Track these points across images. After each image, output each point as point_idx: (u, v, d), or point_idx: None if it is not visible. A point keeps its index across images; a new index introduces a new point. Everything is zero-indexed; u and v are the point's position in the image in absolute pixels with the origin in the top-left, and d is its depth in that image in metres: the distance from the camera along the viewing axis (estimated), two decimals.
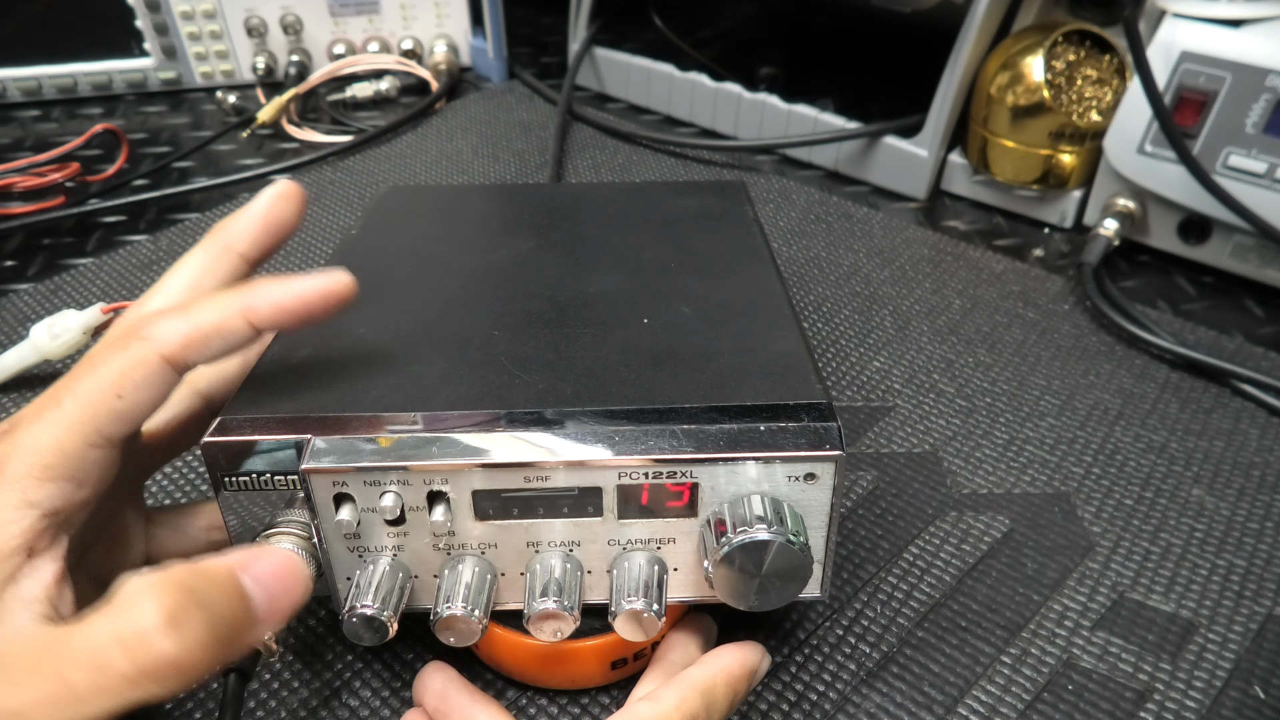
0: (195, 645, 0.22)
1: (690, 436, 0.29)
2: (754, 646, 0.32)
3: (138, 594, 0.22)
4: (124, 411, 0.27)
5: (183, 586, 0.22)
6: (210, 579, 0.23)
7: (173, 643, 0.21)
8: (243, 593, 0.24)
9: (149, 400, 0.27)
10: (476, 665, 0.35)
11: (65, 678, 0.21)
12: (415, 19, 0.81)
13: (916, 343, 0.52)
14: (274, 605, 0.24)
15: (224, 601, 0.23)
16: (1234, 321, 0.54)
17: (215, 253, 0.32)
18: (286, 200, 0.32)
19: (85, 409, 0.26)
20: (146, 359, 0.27)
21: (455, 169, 0.70)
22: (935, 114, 0.63)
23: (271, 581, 0.24)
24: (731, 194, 0.47)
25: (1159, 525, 0.41)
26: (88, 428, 0.26)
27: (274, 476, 0.29)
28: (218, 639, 0.22)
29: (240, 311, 0.28)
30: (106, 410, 0.26)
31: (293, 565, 0.25)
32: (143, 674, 0.21)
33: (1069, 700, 0.34)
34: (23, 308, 0.55)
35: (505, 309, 0.36)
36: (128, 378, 0.27)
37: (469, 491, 0.29)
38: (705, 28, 0.89)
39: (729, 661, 0.31)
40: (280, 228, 0.32)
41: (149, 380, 0.27)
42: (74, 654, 0.21)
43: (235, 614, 0.23)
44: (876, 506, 0.42)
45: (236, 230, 0.32)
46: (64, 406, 0.26)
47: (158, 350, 0.27)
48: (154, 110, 0.78)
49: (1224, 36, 0.52)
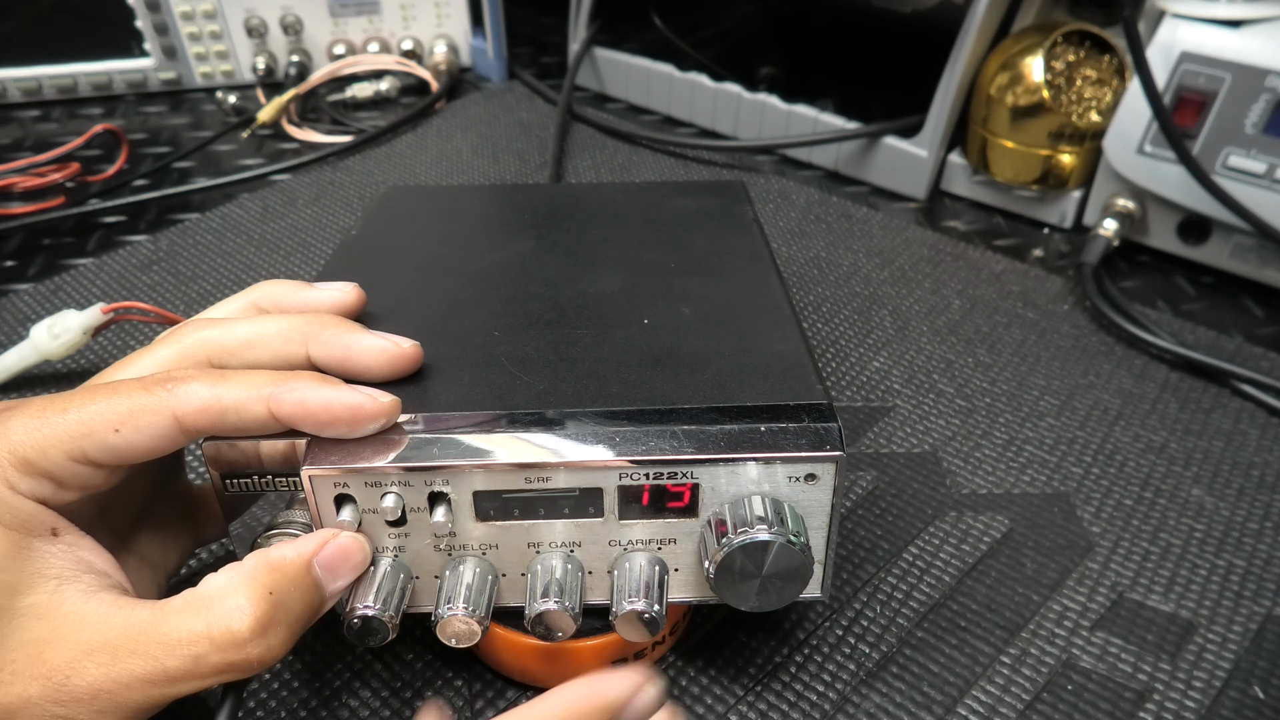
0: (278, 645, 0.26)
1: (691, 437, 0.29)
2: (623, 677, 0.27)
3: (227, 596, 0.26)
4: (115, 447, 0.27)
5: (270, 594, 0.26)
6: (290, 577, 0.27)
7: (260, 647, 0.25)
8: (317, 583, 0.27)
9: (144, 447, 0.27)
10: (477, 665, 0.35)
11: (161, 662, 0.25)
12: (415, 19, 0.81)
13: (916, 343, 0.52)
14: (338, 587, 0.28)
15: (302, 599, 0.27)
16: (1233, 322, 0.54)
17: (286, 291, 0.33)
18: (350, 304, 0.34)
19: (81, 427, 0.26)
20: (160, 411, 0.27)
21: (455, 169, 0.70)
22: (935, 114, 0.63)
23: (339, 567, 0.28)
24: (731, 194, 0.47)
25: (1158, 525, 0.41)
26: (74, 444, 0.26)
27: (275, 477, 0.29)
28: (295, 634, 0.27)
29: (265, 398, 0.27)
30: (99, 439, 0.26)
31: (357, 548, 0.28)
32: (230, 668, 0.25)
33: (1068, 700, 0.34)
34: (23, 308, 0.55)
35: (505, 309, 0.36)
36: (133, 419, 0.27)
37: (470, 492, 0.29)
38: (705, 28, 0.89)
39: (571, 694, 0.27)
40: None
41: (151, 430, 0.27)
42: (169, 642, 0.25)
43: (311, 604, 0.27)
44: (876, 507, 0.42)
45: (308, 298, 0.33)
46: (66, 414, 0.27)
47: (174, 409, 0.27)
48: (154, 110, 0.78)
49: (1224, 37, 0.52)
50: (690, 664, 0.35)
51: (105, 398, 0.27)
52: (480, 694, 0.34)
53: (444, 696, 0.34)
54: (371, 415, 0.28)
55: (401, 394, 0.30)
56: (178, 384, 0.27)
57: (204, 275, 0.58)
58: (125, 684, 0.25)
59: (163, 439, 0.27)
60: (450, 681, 0.35)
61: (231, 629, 0.25)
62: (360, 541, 0.29)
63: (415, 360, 0.31)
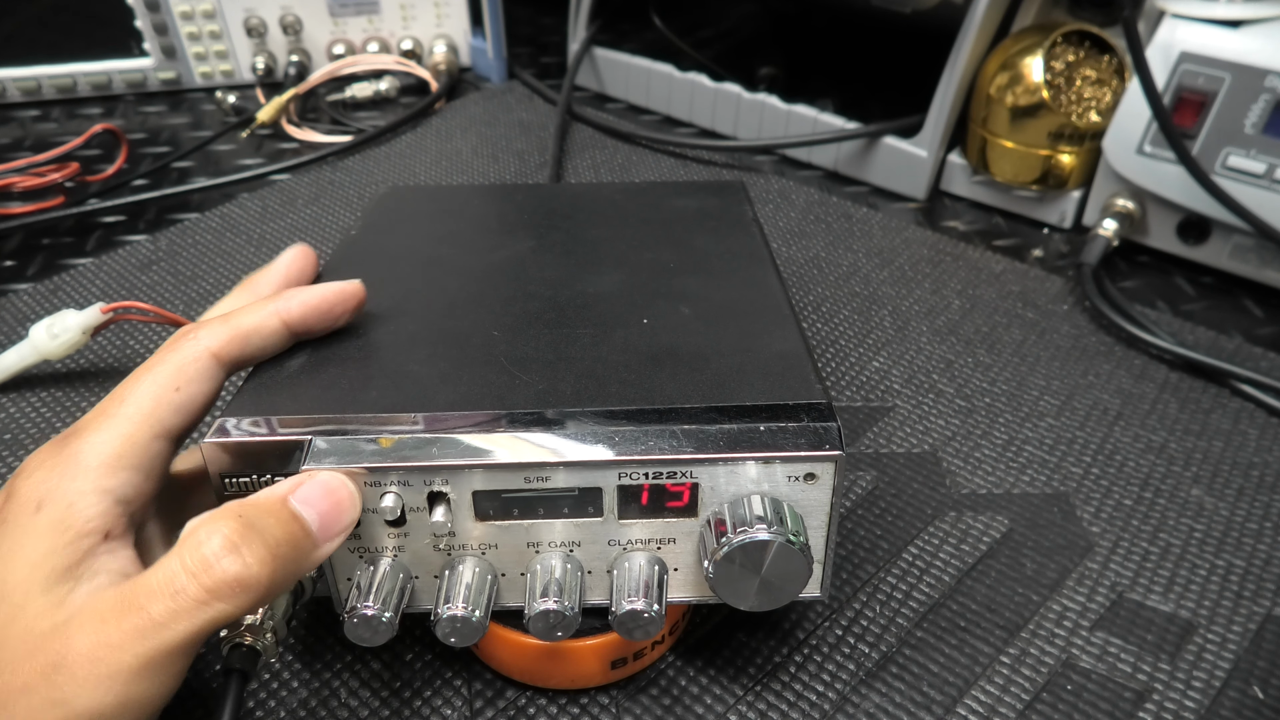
0: (256, 563, 0.25)
1: (690, 437, 0.29)
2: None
3: (199, 528, 0.26)
4: (182, 404, 0.29)
5: (238, 517, 0.26)
6: (262, 507, 0.26)
7: (235, 562, 0.25)
8: (294, 514, 0.27)
9: (202, 393, 0.30)
10: (476, 665, 0.35)
11: (146, 610, 0.24)
12: (415, 19, 0.81)
13: (916, 343, 0.52)
14: (327, 522, 0.27)
15: (278, 524, 0.26)
16: (1233, 322, 0.54)
17: (245, 296, 0.35)
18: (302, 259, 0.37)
19: (148, 403, 0.29)
20: (199, 355, 0.30)
21: (455, 169, 0.70)
22: (935, 114, 0.63)
23: (320, 501, 0.27)
24: (731, 194, 0.47)
25: (1158, 525, 0.41)
26: (152, 420, 0.29)
27: (274, 477, 0.29)
28: (277, 556, 0.26)
29: (275, 312, 0.32)
30: (167, 403, 0.29)
31: (338, 484, 0.28)
32: (211, 594, 0.25)
33: (1068, 700, 0.34)
34: (22, 307, 0.55)
35: (505, 309, 0.36)
36: (184, 373, 0.30)
37: (469, 492, 0.29)
38: (705, 28, 0.89)
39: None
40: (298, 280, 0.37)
41: (201, 374, 0.30)
42: (150, 589, 0.25)
43: (291, 534, 0.26)
44: (876, 507, 0.42)
45: (262, 280, 0.36)
46: (128, 403, 0.29)
47: (207, 346, 0.30)
48: (153, 110, 0.78)
49: (1223, 37, 0.52)
50: (690, 664, 0.35)
51: (148, 373, 0.29)
52: (480, 694, 0.34)
53: (443, 696, 0.34)
54: (355, 293, 0.33)
55: (402, 394, 0.30)
56: (197, 330, 0.31)
57: (203, 275, 0.58)
58: (115, 644, 0.24)
59: (212, 378, 0.30)
60: (449, 681, 0.35)
61: (202, 551, 0.25)
62: (341, 478, 0.28)
63: (360, 290, 0.34)
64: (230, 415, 0.30)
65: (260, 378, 0.32)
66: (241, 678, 0.28)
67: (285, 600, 0.30)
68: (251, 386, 0.31)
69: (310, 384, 0.31)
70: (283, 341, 0.32)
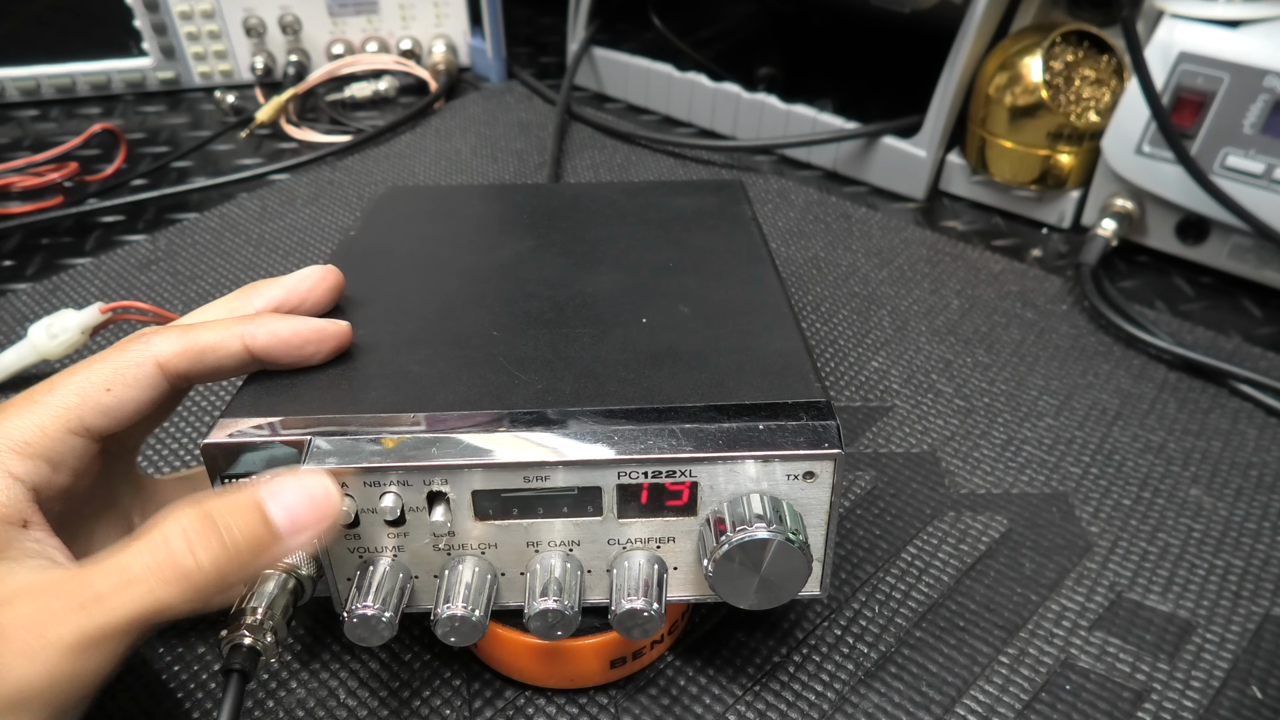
0: (208, 560, 0.25)
1: (689, 436, 0.29)
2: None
3: (163, 516, 0.25)
4: (110, 407, 0.28)
5: (202, 513, 0.25)
6: (231, 504, 0.26)
7: (186, 555, 0.24)
8: (263, 514, 0.26)
9: (136, 400, 0.29)
10: (475, 664, 0.35)
11: (91, 585, 0.24)
12: (414, 19, 0.81)
13: (915, 343, 0.52)
14: (297, 522, 0.26)
15: (243, 523, 0.25)
16: (1232, 322, 0.54)
17: (237, 304, 0.33)
18: (322, 283, 0.34)
19: (73, 396, 0.28)
20: (142, 361, 0.29)
21: (454, 169, 0.70)
22: (934, 114, 0.63)
23: (294, 502, 0.26)
24: (730, 194, 0.47)
25: (1157, 525, 0.41)
26: (71, 415, 0.28)
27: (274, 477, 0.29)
28: (231, 556, 0.25)
29: (239, 335, 0.30)
30: (93, 403, 0.28)
31: (318, 485, 0.27)
32: (158, 579, 0.24)
33: (1067, 700, 0.34)
34: (21, 307, 0.55)
35: (504, 309, 0.36)
36: (120, 375, 0.28)
37: (469, 492, 0.29)
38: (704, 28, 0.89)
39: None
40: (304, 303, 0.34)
41: (139, 381, 0.29)
42: (102, 569, 0.24)
43: (253, 533, 0.26)
44: (875, 506, 0.42)
45: (260, 293, 0.33)
46: (54, 392, 0.28)
47: (154, 355, 0.29)
48: (152, 110, 0.78)
49: (1222, 37, 0.52)
50: (689, 663, 0.35)
51: (86, 367, 0.28)
52: (479, 694, 0.34)
53: (442, 696, 0.34)
54: (335, 335, 0.32)
55: (401, 394, 0.30)
56: (151, 335, 0.29)
57: (202, 275, 0.58)
58: (54, 616, 0.23)
59: (151, 388, 0.29)
60: (449, 681, 0.35)
61: (156, 536, 0.25)
62: (325, 482, 0.27)
63: (345, 333, 0.32)
64: (230, 415, 0.30)
65: (260, 378, 0.32)
66: (241, 678, 0.28)
67: (285, 600, 0.30)
68: (251, 386, 0.31)
69: (310, 384, 0.31)
70: (243, 364, 0.31)
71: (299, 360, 0.31)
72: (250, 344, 0.30)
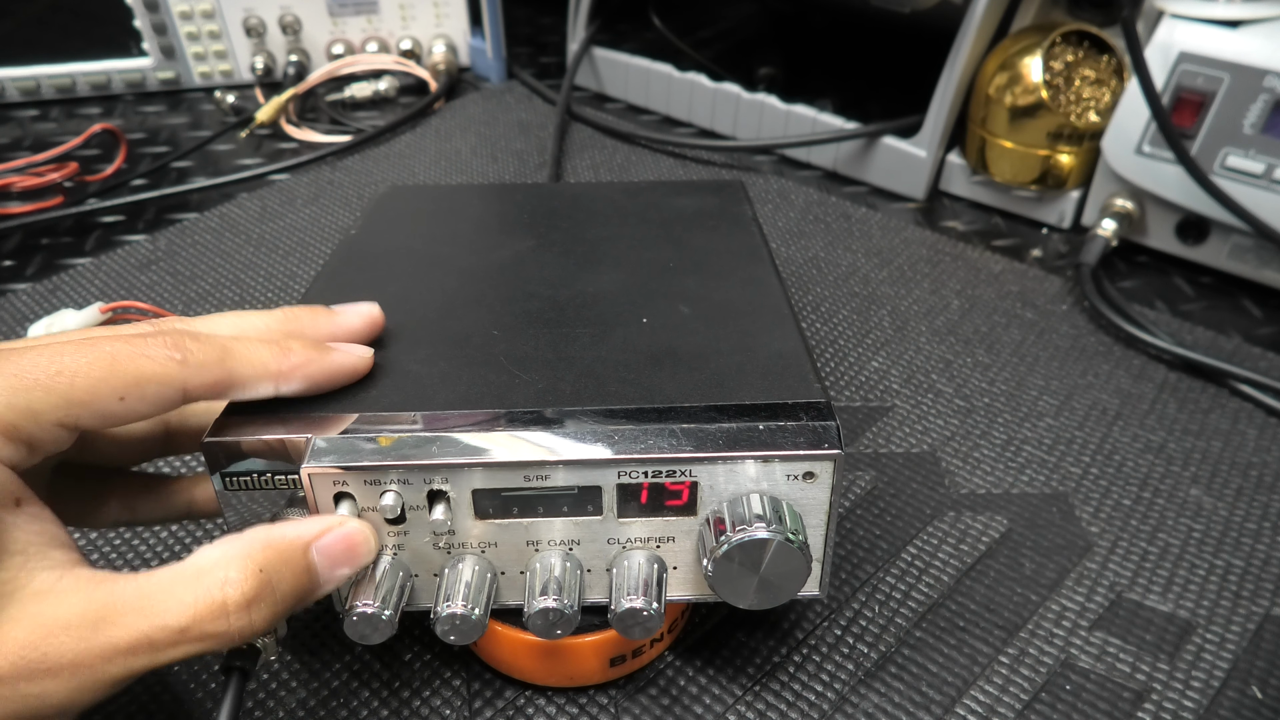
0: (260, 622, 0.26)
1: (689, 435, 0.29)
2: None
3: (219, 569, 0.25)
4: (115, 414, 0.26)
5: (259, 573, 0.26)
6: (284, 558, 0.26)
7: (242, 621, 0.25)
8: (310, 566, 0.27)
9: (143, 415, 0.27)
10: (475, 664, 0.35)
11: (145, 633, 0.24)
12: (414, 19, 0.81)
13: (915, 343, 0.52)
14: (335, 574, 0.28)
15: (293, 580, 0.26)
16: (1232, 322, 0.54)
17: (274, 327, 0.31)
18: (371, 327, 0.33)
19: (84, 394, 0.25)
20: (170, 383, 0.26)
21: (454, 169, 0.70)
22: (934, 114, 0.63)
23: (338, 553, 0.27)
24: (730, 194, 0.47)
25: (1157, 525, 0.41)
26: (69, 412, 0.25)
27: (274, 475, 0.29)
28: (279, 614, 0.26)
29: (273, 378, 0.29)
30: (98, 407, 0.26)
31: (362, 539, 0.28)
32: (210, 639, 0.25)
33: (1067, 700, 0.34)
34: (21, 307, 0.55)
35: (505, 309, 0.36)
36: (139, 389, 0.26)
37: (469, 490, 0.29)
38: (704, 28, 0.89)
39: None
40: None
41: (158, 401, 0.26)
42: (154, 612, 0.24)
43: (299, 587, 0.27)
44: (875, 506, 0.42)
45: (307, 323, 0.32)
46: (60, 379, 0.25)
47: (185, 382, 0.27)
48: (152, 110, 0.78)
49: (1222, 37, 0.52)
50: (689, 663, 0.35)
51: (107, 363, 0.26)
52: (479, 693, 0.34)
53: (442, 695, 0.34)
54: (363, 371, 0.31)
55: (401, 393, 0.30)
56: (190, 354, 0.27)
57: (202, 275, 0.58)
58: (105, 656, 0.24)
59: (165, 407, 0.27)
60: (449, 680, 0.35)
61: (217, 601, 0.25)
62: (366, 533, 0.28)
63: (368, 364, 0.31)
64: (230, 414, 0.30)
65: None
66: (241, 677, 0.28)
67: None
68: None
69: None
70: (262, 398, 0.29)
71: (309, 393, 0.30)
72: (284, 389, 0.29)
